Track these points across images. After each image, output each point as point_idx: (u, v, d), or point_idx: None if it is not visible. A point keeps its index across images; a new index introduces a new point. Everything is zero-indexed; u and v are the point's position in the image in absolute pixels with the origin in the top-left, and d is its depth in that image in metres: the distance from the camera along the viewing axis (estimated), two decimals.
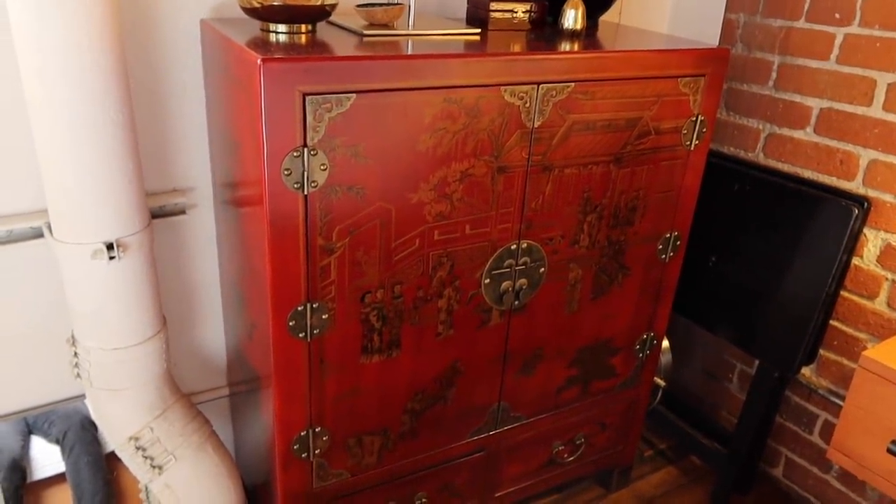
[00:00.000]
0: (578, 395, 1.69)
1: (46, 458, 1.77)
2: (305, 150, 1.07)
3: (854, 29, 1.65)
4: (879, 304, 1.70)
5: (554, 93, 1.26)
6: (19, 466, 1.72)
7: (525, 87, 1.23)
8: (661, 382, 1.92)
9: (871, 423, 1.34)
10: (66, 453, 1.74)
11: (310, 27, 1.21)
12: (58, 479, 1.74)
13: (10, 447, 1.71)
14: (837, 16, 1.68)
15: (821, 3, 1.71)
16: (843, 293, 1.76)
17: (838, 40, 1.69)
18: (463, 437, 1.56)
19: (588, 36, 1.50)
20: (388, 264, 1.25)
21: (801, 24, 1.76)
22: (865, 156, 1.67)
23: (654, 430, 2.23)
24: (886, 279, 1.67)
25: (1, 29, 1.17)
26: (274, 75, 1.01)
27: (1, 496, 1.57)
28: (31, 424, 1.80)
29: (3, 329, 1.41)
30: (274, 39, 1.16)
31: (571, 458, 1.80)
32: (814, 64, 1.75)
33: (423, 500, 1.58)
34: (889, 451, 1.31)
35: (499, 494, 1.74)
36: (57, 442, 1.78)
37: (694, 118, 1.46)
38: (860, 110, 1.67)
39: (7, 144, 1.27)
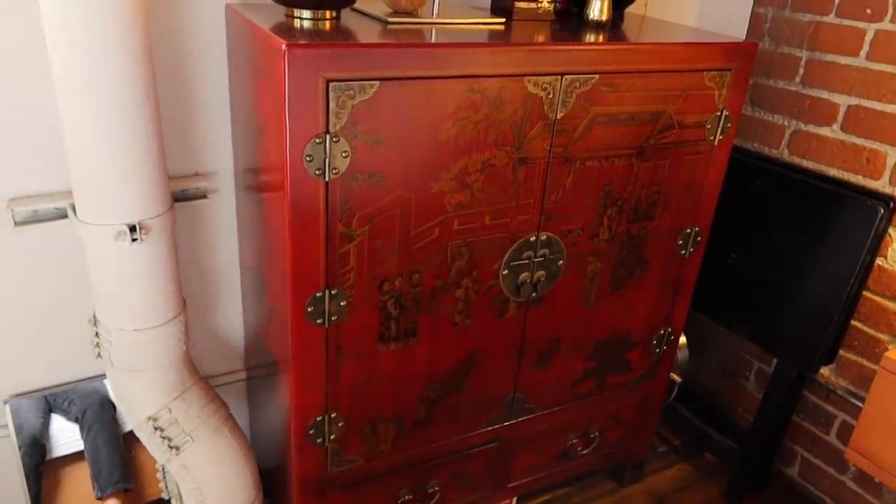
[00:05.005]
0: (594, 388, 1.69)
1: (65, 436, 1.80)
2: (328, 136, 1.07)
3: (886, 25, 1.62)
4: None
5: (578, 84, 1.25)
6: (39, 443, 1.75)
7: (549, 78, 1.22)
8: (677, 378, 1.91)
9: (891, 425, 1.33)
10: (85, 432, 1.76)
11: (334, 14, 1.21)
12: (76, 456, 1.76)
13: (30, 424, 1.74)
14: (869, 11, 1.65)
15: None
16: (866, 293, 1.74)
17: (869, 36, 1.66)
18: (477, 427, 1.56)
19: (613, 27, 1.49)
20: (407, 253, 1.25)
21: (831, 18, 1.73)
22: (893, 154, 1.65)
23: (669, 425, 2.22)
24: None
25: (27, 6, 1.18)
26: (298, 61, 1.01)
27: (21, 471, 1.60)
28: (51, 402, 1.82)
29: (27, 308, 1.43)
30: (298, 25, 1.17)
31: (585, 452, 1.80)
32: (843, 60, 1.72)
33: (436, 488, 1.59)
34: None
35: (512, 485, 1.74)
36: (76, 420, 1.81)
37: (719, 113, 1.44)
38: (889, 108, 1.64)
39: (34, 125, 1.28)
